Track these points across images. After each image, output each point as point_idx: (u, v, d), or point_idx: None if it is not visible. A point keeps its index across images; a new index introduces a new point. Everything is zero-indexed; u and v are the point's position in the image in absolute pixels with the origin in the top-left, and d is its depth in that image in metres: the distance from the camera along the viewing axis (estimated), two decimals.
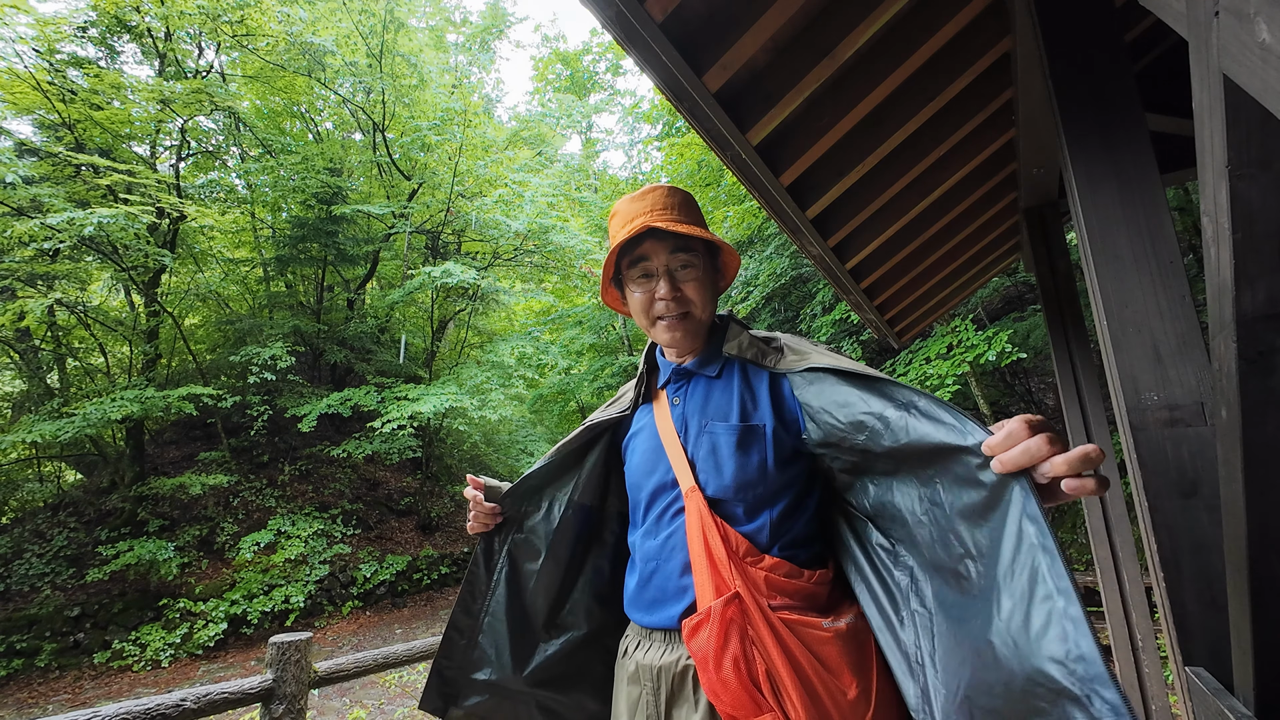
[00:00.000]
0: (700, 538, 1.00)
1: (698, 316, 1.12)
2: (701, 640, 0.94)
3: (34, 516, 9.30)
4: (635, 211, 1.10)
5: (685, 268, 1.10)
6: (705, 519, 1.01)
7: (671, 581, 1.04)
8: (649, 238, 1.10)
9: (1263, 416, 0.70)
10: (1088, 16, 1.41)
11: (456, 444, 14.18)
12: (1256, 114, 0.59)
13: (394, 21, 12.67)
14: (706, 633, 0.94)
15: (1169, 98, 2.38)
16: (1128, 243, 1.28)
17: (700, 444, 1.08)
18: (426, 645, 2.94)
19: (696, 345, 1.17)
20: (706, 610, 0.95)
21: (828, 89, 2.07)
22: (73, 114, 9.03)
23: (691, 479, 1.05)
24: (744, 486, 1.03)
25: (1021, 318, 9.69)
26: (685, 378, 1.17)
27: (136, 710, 1.75)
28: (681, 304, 1.10)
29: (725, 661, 0.91)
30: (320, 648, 8.13)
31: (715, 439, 1.07)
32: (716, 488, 1.04)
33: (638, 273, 1.12)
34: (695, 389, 1.15)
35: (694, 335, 1.14)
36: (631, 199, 1.13)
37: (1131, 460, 1.25)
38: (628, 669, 1.08)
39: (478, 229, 13.17)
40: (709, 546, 0.99)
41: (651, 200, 1.11)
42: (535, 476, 1.24)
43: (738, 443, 1.04)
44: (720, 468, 1.04)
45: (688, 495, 1.04)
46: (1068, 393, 3.06)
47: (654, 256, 1.10)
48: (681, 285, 1.10)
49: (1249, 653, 0.84)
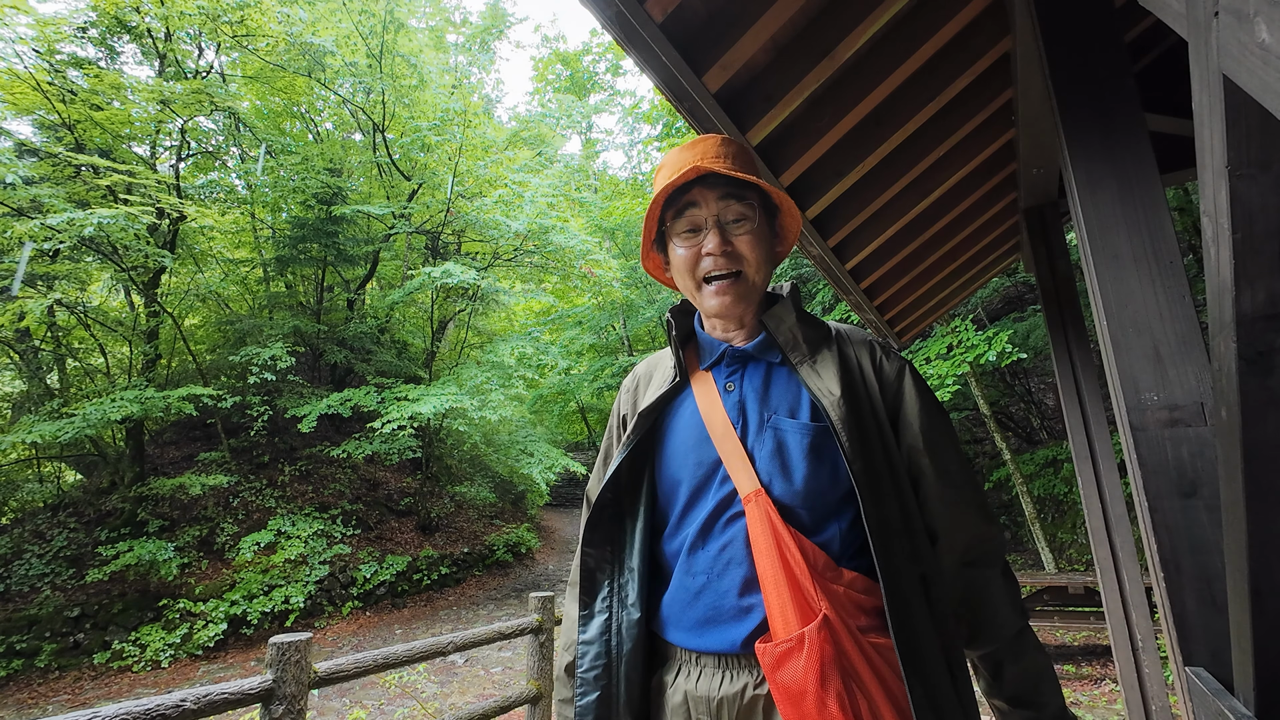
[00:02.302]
0: (773, 550, 0.87)
1: (751, 278, 0.98)
2: (795, 672, 0.80)
3: (34, 517, 9.30)
4: (684, 160, 0.98)
5: (739, 220, 0.97)
6: (778, 528, 0.88)
7: (729, 600, 0.90)
8: (698, 184, 0.98)
9: (1263, 416, 0.70)
10: (1088, 16, 1.41)
11: (456, 444, 14.17)
12: (1256, 114, 0.59)
13: (394, 22, 12.67)
14: (800, 663, 0.80)
15: (1169, 98, 2.38)
16: (1128, 243, 1.28)
17: (763, 441, 0.94)
18: (426, 646, 2.94)
19: (748, 317, 1.03)
20: (798, 637, 0.82)
21: (827, 89, 2.07)
22: (73, 114, 9.03)
23: (755, 481, 0.91)
24: (815, 493, 0.91)
25: (1021, 318, 9.69)
26: (741, 361, 1.02)
27: (136, 710, 1.76)
28: (733, 260, 0.97)
29: (829, 700, 0.79)
30: (320, 648, 8.12)
31: (783, 437, 0.94)
32: (784, 492, 0.91)
33: (683, 225, 0.99)
34: (753, 375, 1.00)
35: (745, 301, 1.00)
36: (681, 148, 1.01)
37: (1131, 460, 1.25)
38: (671, 700, 0.92)
39: (478, 229, 13.17)
40: (786, 560, 0.86)
41: (703, 148, 0.99)
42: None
43: (811, 445, 0.92)
44: (789, 470, 0.92)
45: (750, 500, 0.90)
46: (1068, 393, 3.06)
47: (703, 205, 0.97)
48: (733, 239, 0.97)
49: (1249, 653, 0.84)
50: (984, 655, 0.97)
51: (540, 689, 3.43)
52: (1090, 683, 4.98)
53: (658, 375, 1.11)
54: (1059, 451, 9.05)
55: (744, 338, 1.04)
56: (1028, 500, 7.97)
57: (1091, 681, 5.00)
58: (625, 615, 0.97)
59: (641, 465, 1.03)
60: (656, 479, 1.02)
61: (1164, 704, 2.69)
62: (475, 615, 9.69)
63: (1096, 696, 4.70)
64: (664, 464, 1.01)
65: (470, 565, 12.06)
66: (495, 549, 12.65)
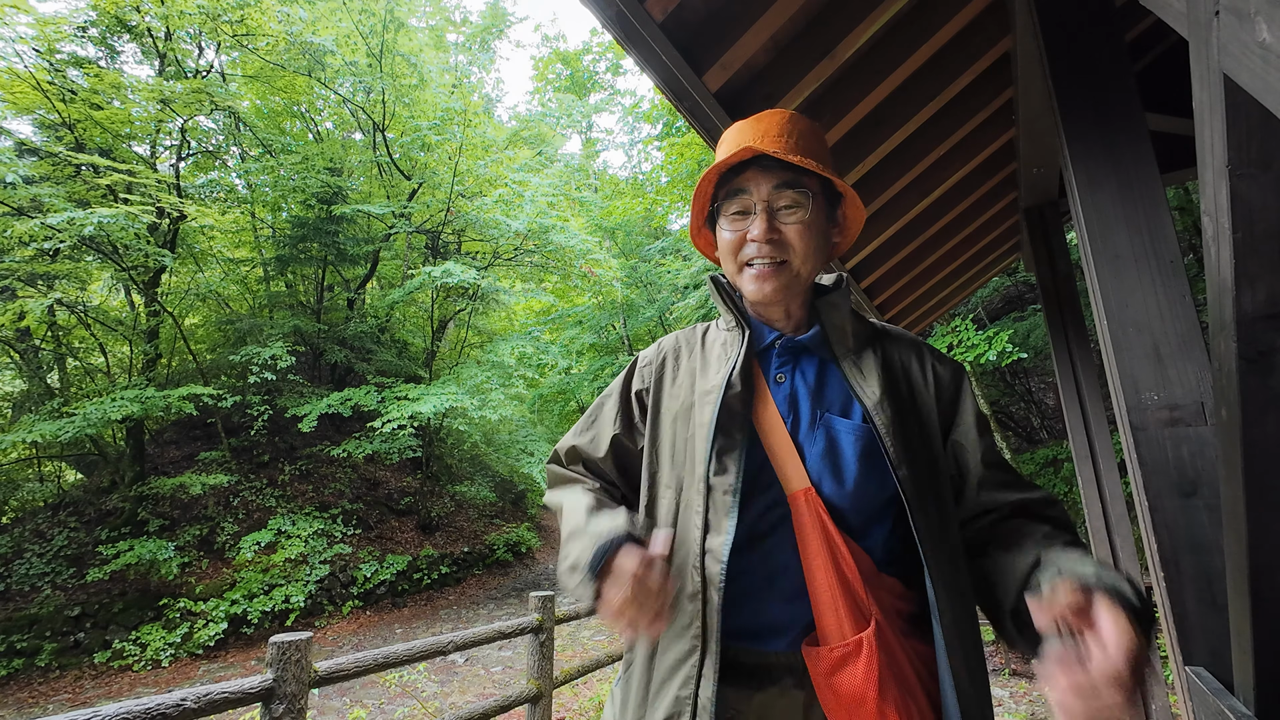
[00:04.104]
0: (825, 553, 0.83)
1: (796, 269, 0.92)
2: (853, 678, 0.78)
3: (34, 516, 9.31)
4: (744, 137, 0.92)
5: (791, 208, 0.92)
6: (829, 527, 0.84)
7: (781, 599, 0.86)
8: (752, 166, 0.92)
9: (1263, 416, 0.70)
10: (1088, 16, 1.41)
11: (457, 444, 14.18)
12: (1257, 114, 0.59)
13: (394, 21, 12.67)
14: (860, 669, 0.78)
15: (1169, 98, 2.37)
16: (1128, 243, 1.28)
17: (814, 439, 0.90)
18: (426, 645, 2.94)
19: (794, 307, 0.98)
20: (855, 641, 0.79)
21: (828, 89, 2.07)
22: (73, 114, 9.03)
23: (806, 479, 0.87)
24: (864, 497, 0.87)
25: (1021, 317, 9.70)
26: (794, 354, 0.97)
27: (137, 710, 1.76)
28: (779, 249, 0.91)
29: (887, 708, 0.77)
30: (320, 647, 8.13)
31: (835, 436, 0.90)
32: (834, 493, 0.87)
33: (734, 207, 0.94)
34: (806, 368, 0.95)
35: (788, 291, 0.94)
36: (745, 122, 0.95)
37: (1131, 460, 1.25)
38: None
39: (478, 229, 13.18)
40: (838, 562, 0.83)
41: (766, 125, 0.93)
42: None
43: (863, 448, 0.88)
44: (841, 472, 0.88)
45: (799, 499, 0.86)
46: (1068, 392, 3.06)
47: (754, 189, 0.92)
48: (781, 226, 0.91)
49: (1249, 653, 0.84)
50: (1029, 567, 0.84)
51: (540, 688, 3.43)
52: None
53: (707, 353, 1.02)
54: (1059, 451, 9.05)
55: (793, 328, 0.99)
56: None
57: None
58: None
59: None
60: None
61: (1164, 703, 2.69)
62: (475, 614, 9.69)
63: None
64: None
65: (470, 565, 12.07)
66: (495, 548, 12.66)
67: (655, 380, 1.04)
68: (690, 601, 0.86)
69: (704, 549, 0.87)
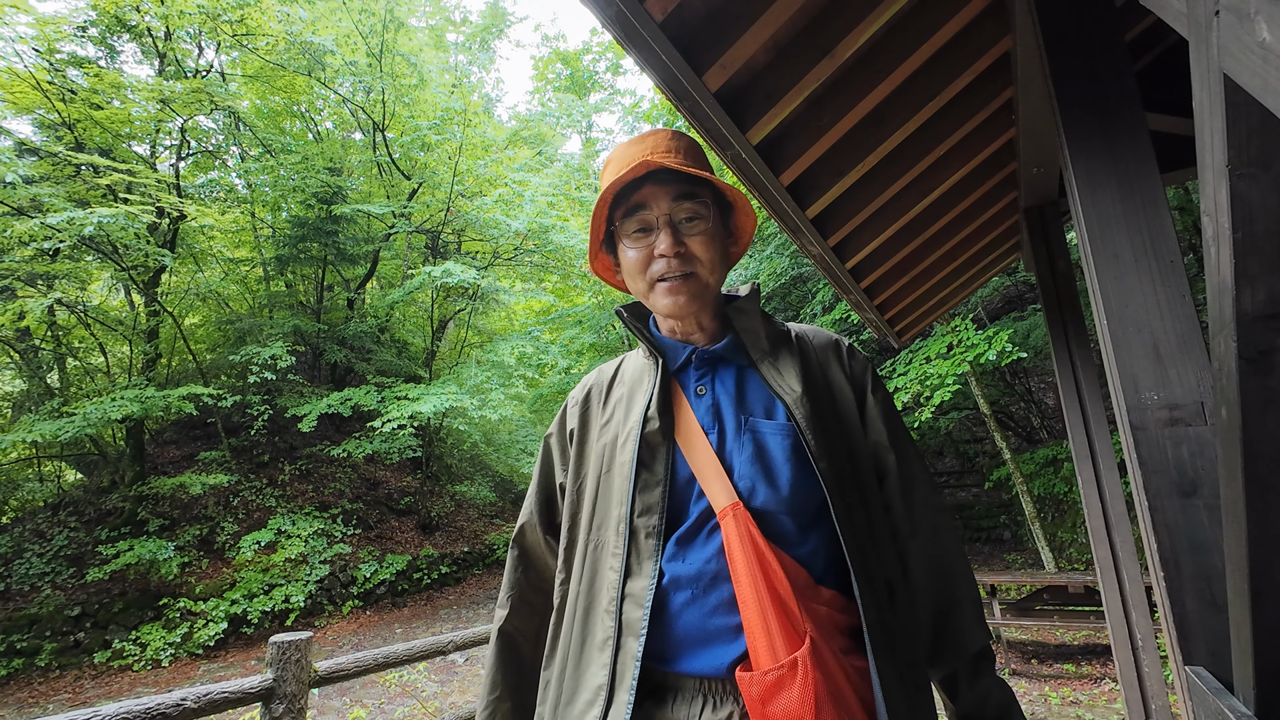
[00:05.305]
0: (754, 566, 0.79)
1: (705, 279, 0.93)
2: (789, 704, 0.73)
3: (34, 516, 9.31)
4: (632, 154, 0.92)
5: (692, 220, 0.92)
6: (759, 542, 0.81)
7: (715, 619, 0.81)
8: (648, 182, 0.92)
9: (1263, 416, 0.70)
10: (1088, 16, 1.41)
11: (456, 444, 14.18)
12: (1256, 113, 0.59)
13: (394, 21, 12.68)
14: (795, 693, 0.73)
15: (1169, 98, 2.37)
16: (1128, 242, 1.28)
17: (741, 445, 0.88)
18: (426, 645, 2.94)
19: (705, 318, 0.98)
20: (790, 663, 0.74)
21: (828, 88, 2.07)
22: (73, 113, 9.03)
23: (733, 492, 0.85)
24: (799, 499, 0.85)
25: (1021, 317, 9.70)
26: (711, 364, 0.96)
27: (137, 710, 1.76)
28: (686, 261, 0.91)
29: None
30: (320, 647, 8.13)
31: (762, 439, 0.88)
32: (768, 500, 0.84)
33: (633, 225, 0.94)
34: (725, 377, 0.95)
35: (699, 300, 0.94)
36: (628, 143, 0.95)
37: (1131, 460, 1.25)
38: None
39: (478, 228, 13.18)
40: (769, 578, 0.79)
41: (653, 142, 0.93)
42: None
43: (792, 446, 0.87)
44: (773, 474, 0.86)
45: (726, 515, 0.83)
46: (1068, 392, 3.06)
47: (653, 204, 0.92)
48: (686, 239, 0.92)
49: (1249, 653, 0.84)
50: (944, 677, 0.92)
51: None
52: (1090, 682, 4.99)
53: (625, 384, 1.01)
54: (1059, 451, 9.05)
55: (707, 339, 0.99)
56: (1028, 499, 7.98)
57: (1091, 680, 5.00)
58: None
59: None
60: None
61: (1164, 703, 2.69)
62: (475, 614, 9.69)
63: (1096, 696, 4.71)
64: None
65: (470, 564, 12.07)
66: (495, 548, 12.66)
67: (579, 419, 1.04)
68: (600, 650, 0.83)
69: (623, 594, 0.85)
